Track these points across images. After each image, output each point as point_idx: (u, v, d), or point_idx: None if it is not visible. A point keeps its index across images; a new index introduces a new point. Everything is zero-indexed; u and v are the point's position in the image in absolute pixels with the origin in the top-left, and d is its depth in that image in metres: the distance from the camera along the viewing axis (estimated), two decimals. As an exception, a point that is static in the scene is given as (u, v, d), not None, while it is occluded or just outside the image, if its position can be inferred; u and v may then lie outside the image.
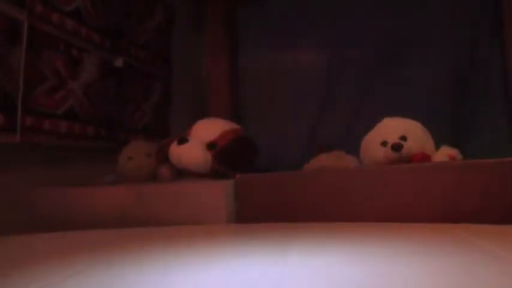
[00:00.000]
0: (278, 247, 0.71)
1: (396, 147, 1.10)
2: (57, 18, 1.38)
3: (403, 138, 1.12)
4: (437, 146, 1.16)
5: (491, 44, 1.78)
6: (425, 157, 1.11)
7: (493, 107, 1.75)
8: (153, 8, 1.98)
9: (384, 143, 1.13)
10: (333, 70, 2.01)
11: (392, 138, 1.12)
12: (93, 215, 1.11)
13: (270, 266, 0.58)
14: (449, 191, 0.93)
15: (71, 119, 1.43)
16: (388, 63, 1.90)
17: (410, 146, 1.11)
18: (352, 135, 1.26)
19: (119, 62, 1.68)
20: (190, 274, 0.56)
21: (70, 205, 1.15)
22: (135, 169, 1.39)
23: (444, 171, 0.96)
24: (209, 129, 1.27)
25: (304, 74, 2.06)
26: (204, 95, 2.18)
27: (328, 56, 2.03)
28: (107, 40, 1.62)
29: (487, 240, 0.69)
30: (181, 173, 1.25)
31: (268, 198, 1.05)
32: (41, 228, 1.09)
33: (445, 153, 1.13)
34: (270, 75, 2.14)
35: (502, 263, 0.54)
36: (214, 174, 1.20)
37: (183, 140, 1.22)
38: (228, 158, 1.20)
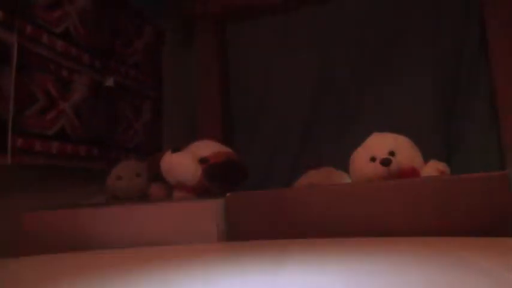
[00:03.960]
0: (269, 265, 0.71)
1: (385, 163, 1.11)
2: (47, 39, 1.39)
3: (392, 153, 1.13)
4: (426, 161, 1.17)
5: (478, 61, 1.81)
6: (414, 172, 1.12)
7: (480, 121, 1.77)
8: (142, 27, 1.99)
9: (372, 159, 1.14)
10: (321, 86, 2.03)
11: (381, 154, 1.13)
12: (83, 236, 1.10)
13: (261, 285, 0.58)
14: (438, 204, 0.93)
15: (63, 140, 1.43)
16: (375, 79, 1.93)
17: (399, 161, 1.12)
18: (341, 151, 1.27)
19: (109, 82, 1.69)
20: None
21: (62, 227, 1.14)
22: (124, 189, 1.39)
23: (433, 185, 0.97)
24: (203, 146, 1.31)
25: (293, 90, 2.07)
26: (196, 113, 2.19)
27: (316, 72, 2.05)
28: (97, 60, 1.63)
29: (478, 254, 0.70)
30: (171, 191, 1.26)
31: (259, 215, 1.06)
32: (32, 251, 1.08)
33: (433, 168, 1.14)
34: (259, 93, 2.15)
35: (490, 276, 0.55)
36: (200, 188, 1.21)
37: (176, 149, 1.25)
38: (217, 175, 1.22)
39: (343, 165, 1.25)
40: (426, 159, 1.17)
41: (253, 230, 1.05)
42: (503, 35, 1.74)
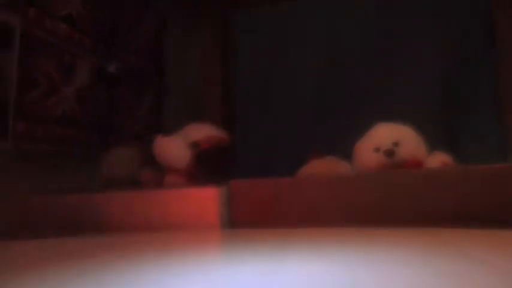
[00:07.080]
0: (272, 253, 0.71)
1: (389, 153, 1.10)
2: (50, 24, 1.38)
3: (396, 144, 1.13)
4: (430, 152, 1.16)
5: (482, 53, 1.81)
6: (418, 163, 1.11)
7: (484, 113, 1.77)
8: (145, 14, 1.98)
9: (376, 149, 1.13)
10: (328, 75, 2.02)
11: (385, 144, 1.13)
12: (83, 222, 1.10)
13: (263, 273, 0.58)
14: (442, 196, 0.93)
15: (64, 125, 1.42)
16: (381, 71, 1.92)
17: (403, 152, 1.11)
18: (344, 141, 1.26)
19: (112, 68, 1.68)
20: (180, 281, 0.55)
21: (58, 212, 1.14)
22: (116, 175, 1.40)
23: (437, 176, 0.96)
24: (196, 130, 1.31)
25: (297, 79, 2.06)
26: (197, 101, 2.18)
27: (321, 63, 2.04)
28: (99, 45, 1.61)
29: (476, 245, 0.70)
30: (162, 177, 1.26)
31: (262, 203, 1.05)
32: (31, 235, 1.08)
33: (437, 159, 1.14)
34: (263, 81, 2.14)
35: (490, 267, 0.54)
36: (191, 173, 1.21)
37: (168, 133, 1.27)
38: (206, 163, 1.22)
39: (347, 155, 1.24)
40: (430, 150, 1.16)
41: (256, 217, 1.04)
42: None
